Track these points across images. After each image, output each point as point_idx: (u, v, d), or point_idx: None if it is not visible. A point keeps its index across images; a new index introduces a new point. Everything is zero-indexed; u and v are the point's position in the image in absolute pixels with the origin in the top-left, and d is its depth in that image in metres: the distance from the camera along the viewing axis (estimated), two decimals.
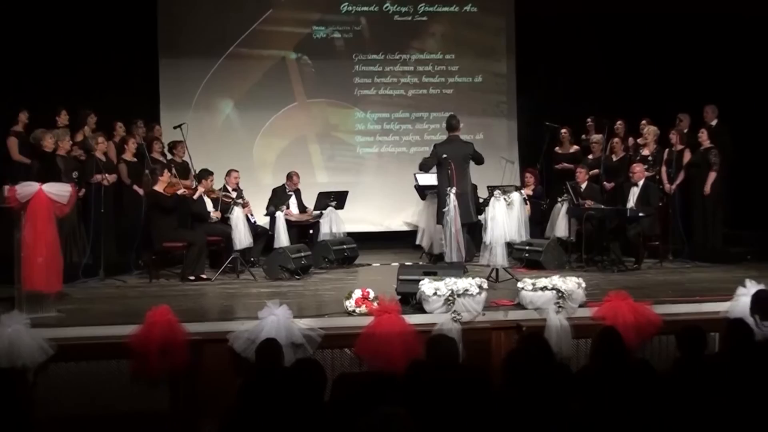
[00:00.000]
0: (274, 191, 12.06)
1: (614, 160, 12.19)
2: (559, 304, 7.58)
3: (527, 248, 10.76)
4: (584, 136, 13.05)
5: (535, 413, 4.41)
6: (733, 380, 5.06)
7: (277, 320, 6.99)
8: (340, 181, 13.55)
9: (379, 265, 11.73)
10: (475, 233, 10.80)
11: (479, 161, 10.41)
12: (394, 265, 10.62)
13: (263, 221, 11.76)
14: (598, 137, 12.46)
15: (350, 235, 12.14)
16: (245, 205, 10.82)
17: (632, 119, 12.52)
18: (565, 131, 12.85)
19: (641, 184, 11.07)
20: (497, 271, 9.60)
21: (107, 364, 6.93)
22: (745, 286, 7.89)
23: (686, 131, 11.92)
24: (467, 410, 4.57)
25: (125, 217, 11.13)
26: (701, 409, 4.53)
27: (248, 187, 11.66)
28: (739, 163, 11.65)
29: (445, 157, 9.99)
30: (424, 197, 11.78)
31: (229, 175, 11.48)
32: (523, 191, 10.98)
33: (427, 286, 7.57)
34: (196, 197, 10.66)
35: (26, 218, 7.71)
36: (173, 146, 11.89)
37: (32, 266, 7.65)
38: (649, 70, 13.36)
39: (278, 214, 11.43)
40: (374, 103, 14.38)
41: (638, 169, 11.19)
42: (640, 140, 12.11)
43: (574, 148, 12.86)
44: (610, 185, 11.95)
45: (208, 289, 9.71)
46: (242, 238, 10.38)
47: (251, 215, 11.19)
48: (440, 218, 9.97)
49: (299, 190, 12.24)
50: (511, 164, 13.68)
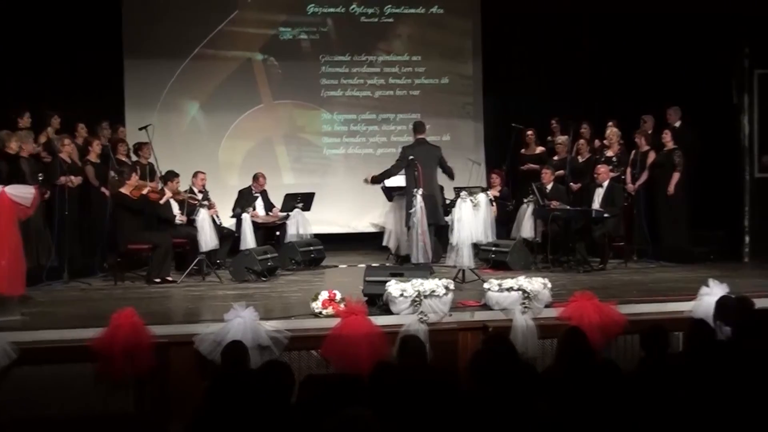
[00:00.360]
0: (240, 193, 12.01)
1: (580, 161, 12.27)
2: (525, 304, 7.61)
3: (493, 249, 10.81)
4: (549, 137, 13.12)
5: (501, 414, 4.42)
6: (695, 379, 5.11)
7: (243, 322, 6.96)
8: (306, 182, 13.52)
9: (345, 266, 11.74)
10: (441, 234, 10.83)
11: (450, 175, 10.48)
12: (360, 266, 10.61)
13: (229, 223, 11.70)
14: (563, 138, 12.54)
15: (317, 236, 12.13)
16: (211, 206, 10.77)
17: (597, 121, 12.60)
18: (530, 133, 12.90)
19: (606, 185, 11.17)
20: (464, 272, 9.62)
21: (72, 367, 6.86)
22: (708, 285, 7.99)
23: (650, 132, 12.04)
24: (433, 411, 4.58)
25: (90, 219, 11.03)
26: (665, 407, 4.58)
27: (214, 188, 11.60)
28: (702, 163, 11.76)
29: (412, 158, 10.01)
30: (391, 199, 11.79)
31: (195, 176, 11.42)
32: (489, 192, 11.01)
33: (393, 287, 7.58)
34: (162, 201, 10.58)
35: None
36: (139, 148, 11.80)
37: None
38: (614, 71, 13.44)
39: (244, 215, 11.39)
40: (341, 104, 14.36)
41: (602, 170, 11.28)
42: (605, 141, 12.20)
43: (539, 149, 12.91)
44: (576, 186, 12.03)
45: (173, 291, 9.66)
46: (208, 239, 10.34)
47: (217, 217, 11.15)
48: (408, 219, 9.99)
49: (266, 191, 12.19)
50: (477, 165, 13.72)
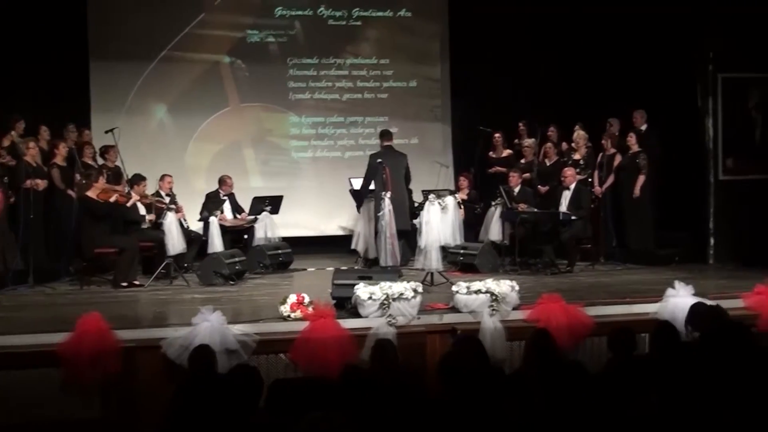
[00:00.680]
0: (207, 196, 11.94)
1: (547, 164, 12.35)
2: (493, 307, 7.64)
3: (462, 252, 10.83)
4: (517, 140, 13.18)
5: (469, 416, 4.44)
6: (661, 380, 5.16)
7: (210, 326, 6.94)
8: (274, 185, 13.48)
9: (314, 269, 11.73)
10: (409, 237, 10.86)
11: (407, 179, 10.53)
12: (329, 269, 10.65)
13: (197, 226, 11.64)
14: (530, 141, 12.61)
15: (285, 239, 12.12)
16: (178, 210, 10.72)
17: (565, 124, 12.68)
18: (498, 136, 12.95)
19: (573, 187, 11.23)
20: (432, 274, 9.63)
21: (37, 372, 6.79)
22: (674, 287, 8.08)
23: (616, 135, 12.13)
24: (402, 414, 4.59)
25: (56, 223, 10.92)
26: (632, 408, 4.62)
27: (181, 192, 11.53)
28: (667, 166, 11.87)
29: (380, 161, 10.03)
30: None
31: (162, 180, 11.36)
32: (457, 195, 11.07)
33: (362, 290, 7.59)
34: (129, 205, 10.50)
35: None
36: (105, 151, 11.71)
37: None
38: (581, 74, 13.52)
39: (212, 219, 11.32)
40: (309, 107, 14.33)
41: (569, 173, 11.35)
42: (573, 144, 12.27)
43: (506, 152, 12.96)
44: (543, 189, 12.10)
45: (140, 295, 9.61)
46: (175, 243, 10.28)
47: (184, 220, 11.09)
48: (376, 222, 10.00)
49: (233, 194, 12.15)
50: (445, 168, 13.78)
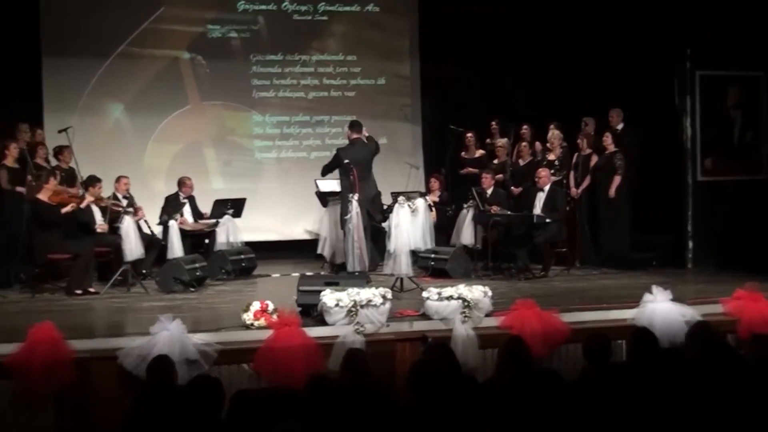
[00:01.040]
0: (167, 199, 11.89)
1: (521, 164, 12.40)
2: (465, 313, 7.68)
3: (432, 256, 10.87)
4: (489, 140, 13.23)
5: (440, 427, 4.45)
6: (639, 388, 5.19)
7: (170, 335, 6.92)
8: (237, 187, 13.43)
9: (278, 275, 11.71)
10: (378, 241, 10.86)
11: (376, 148, 10.55)
12: (294, 275, 10.59)
13: (156, 231, 11.56)
14: (502, 141, 12.66)
15: (248, 244, 12.08)
16: (137, 210, 10.66)
17: (539, 123, 12.74)
18: (470, 135, 12.98)
19: (547, 189, 11.28)
20: (402, 280, 9.65)
21: None
22: (651, 292, 8.15)
23: (592, 135, 12.19)
24: (371, 425, 4.59)
25: (5, 227, 10.81)
26: (608, 417, 4.65)
27: (140, 195, 11.45)
28: (644, 167, 11.95)
29: (347, 162, 10.02)
30: (325, 204, 11.78)
31: (118, 181, 11.25)
32: (428, 197, 11.10)
33: (328, 297, 7.59)
34: (83, 206, 10.41)
35: None
36: (59, 151, 11.59)
37: None
38: (555, 72, 13.58)
39: (171, 222, 11.27)
40: (273, 105, 14.30)
41: (544, 174, 11.39)
42: (548, 144, 12.32)
43: (479, 152, 12.99)
44: (517, 190, 12.16)
45: (96, 303, 9.54)
46: (133, 248, 10.20)
47: (145, 222, 11.01)
48: (343, 226, 10.00)
49: (194, 197, 12.09)
50: (415, 169, 13.82)
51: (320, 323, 7.60)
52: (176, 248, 11.06)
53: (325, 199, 11.79)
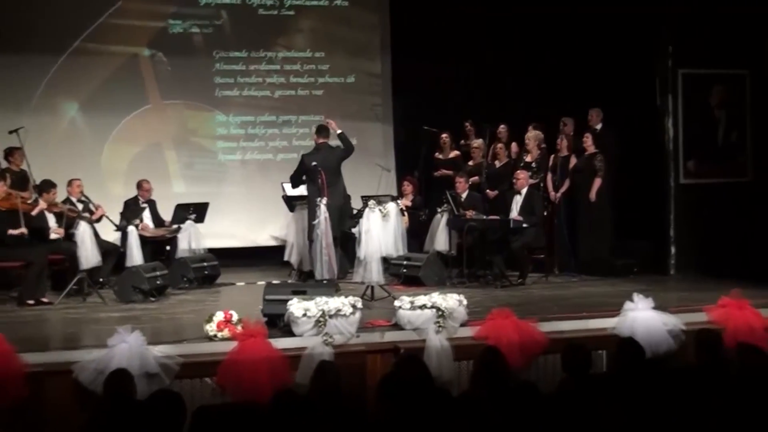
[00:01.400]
0: (125, 204, 11.84)
1: (497, 166, 12.44)
2: (439, 323, 7.68)
3: (405, 263, 10.87)
4: (463, 140, 13.26)
5: None
6: (625, 401, 5.22)
7: (128, 348, 6.88)
8: (199, 191, 13.36)
9: (243, 284, 11.70)
10: (348, 248, 10.86)
11: (348, 147, 10.50)
12: (260, 284, 10.61)
13: (114, 237, 11.51)
14: (478, 142, 12.68)
15: (211, 251, 12.04)
16: (96, 208, 10.59)
17: (516, 123, 12.78)
18: (445, 136, 13.01)
19: (524, 192, 11.32)
20: (372, 288, 9.65)
21: None
22: (632, 300, 8.20)
23: (571, 135, 12.24)
24: None
25: None
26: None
27: (97, 199, 11.35)
28: (625, 169, 12.02)
29: (315, 165, 10.02)
30: (292, 209, 11.78)
31: (70, 185, 11.15)
32: (400, 201, 11.11)
33: (295, 306, 7.58)
34: (35, 213, 10.33)
35: None
36: (9, 153, 11.51)
37: None
38: (533, 70, 13.64)
39: (130, 228, 11.21)
40: (237, 105, 14.26)
41: (521, 176, 11.43)
42: (526, 145, 12.34)
43: (454, 153, 13.02)
44: (493, 193, 12.19)
45: (49, 314, 9.47)
46: (89, 255, 10.14)
47: (109, 219, 10.92)
48: (311, 232, 9.99)
49: (154, 201, 12.05)
50: (387, 172, 13.84)
51: (287, 334, 7.59)
52: (135, 255, 11.01)
53: (292, 203, 11.79)
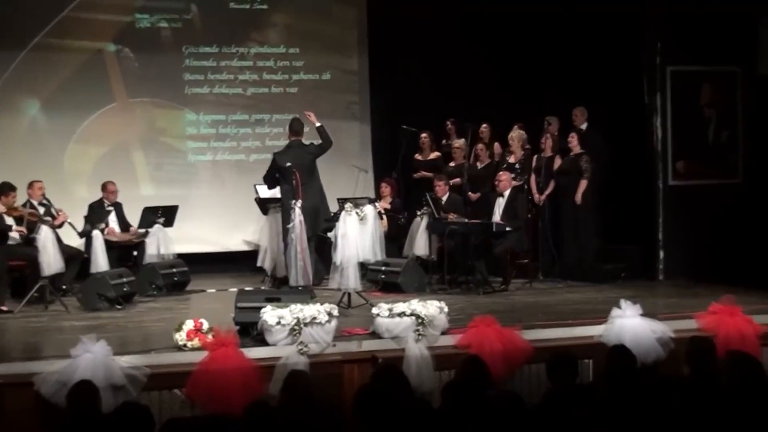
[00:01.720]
0: (90, 207, 11.78)
1: (479, 168, 12.44)
2: (418, 331, 7.70)
3: (383, 269, 10.87)
4: (445, 141, 13.27)
5: None
6: (614, 412, 5.24)
7: (93, 358, 6.86)
8: (168, 194, 13.32)
9: (214, 291, 11.69)
10: (324, 253, 10.85)
11: (326, 142, 10.45)
12: (231, 290, 10.63)
13: (78, 242, 11.45)
14: (460, 142, 12.68)
15: (181, 256, 12.00)
16: (59, 213, 10.55)
17: (499, 123, 12.80)
18: (425, 136, 13.02)
19: (507, 194, 11.35)
20: (349, 295, 9.67)
21: None
22: (620, 307, 8.22)
23: (556, 135, 12.26)
24: None
25: None
26: None
27: (60, 202, 11.28)
28: (611, 170, 12.05)
29: (288, 165, 10.00)
30: (266, 212, 11.76)
31: (31, 187, 11.08)
32: (378, 204, 11.12)
33: (269, 314, 7.58)
34: None
35: None
36: None
37: None
38: (516, 69, 13.66)
39: (95, 233, 11.16)
40: (208, 103, 14.23)
41: (504, 178, 11.45)
42: (510, 146, 12.36)
43: (434, 154, 13.03)
44: (475, 196, 12.20)
45: (9, 323, 9.44)
46: (51, 261, 10.10)
47: (70, 223, 10.86)
48: (285, 236, 9.98)
49: (120, 204, 12.00)
50: (364, 173, 13.84)
51: (260, 343, 7.59)
52: (101, 261, 10.95)
53: (265, 206, 11.79)
